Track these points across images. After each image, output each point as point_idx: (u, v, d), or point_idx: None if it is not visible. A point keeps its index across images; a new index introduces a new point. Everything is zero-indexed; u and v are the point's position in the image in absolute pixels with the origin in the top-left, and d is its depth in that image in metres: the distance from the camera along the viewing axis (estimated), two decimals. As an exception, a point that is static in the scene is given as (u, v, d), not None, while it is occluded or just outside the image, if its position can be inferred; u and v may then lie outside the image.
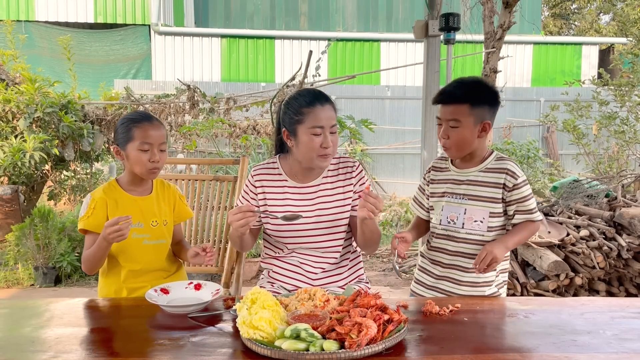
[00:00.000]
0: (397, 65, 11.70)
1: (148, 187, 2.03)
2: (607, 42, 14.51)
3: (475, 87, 1.81)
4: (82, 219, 1.91)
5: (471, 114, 1.75)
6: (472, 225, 1.83)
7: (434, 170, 1.99)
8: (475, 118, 1.76)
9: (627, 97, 6.74)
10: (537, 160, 6.60)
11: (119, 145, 1.94)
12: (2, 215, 5.37)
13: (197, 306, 1.63)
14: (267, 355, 1.26)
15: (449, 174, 1.92)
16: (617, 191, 4.23)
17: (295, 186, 1.97)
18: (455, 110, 1.76)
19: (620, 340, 1.39)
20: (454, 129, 1.77)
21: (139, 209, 1.97)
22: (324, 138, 1.82)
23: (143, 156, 1.89)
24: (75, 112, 5.52)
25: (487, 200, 1.82)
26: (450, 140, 1.79)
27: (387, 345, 1.29)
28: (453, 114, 1.77)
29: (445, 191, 1.90)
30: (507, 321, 1.55)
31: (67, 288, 4.58)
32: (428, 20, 3.90)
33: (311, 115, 1.82)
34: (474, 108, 1.75)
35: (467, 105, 1.75)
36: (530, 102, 11.06)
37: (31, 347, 1.38)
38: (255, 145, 6.09)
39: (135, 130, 1.89)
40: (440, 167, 1.98)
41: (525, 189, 1.82)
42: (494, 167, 1.84)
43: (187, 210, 2.16)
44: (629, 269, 3.73)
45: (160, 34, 12.15)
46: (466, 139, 1.78)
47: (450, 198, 1.88)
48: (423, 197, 2.02)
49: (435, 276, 1.95)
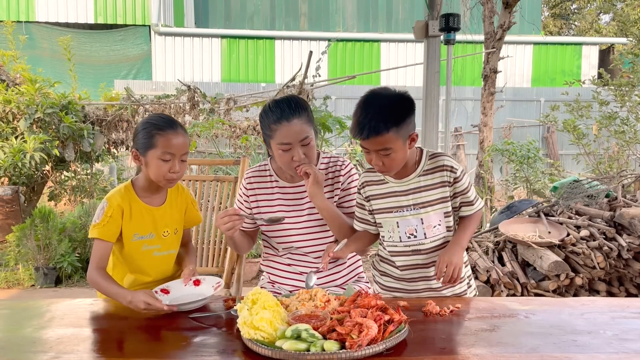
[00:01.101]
0: (397, 65, 11.70)
1: (163, 194, 1.95)
2: (607, 42, 14.52)
3: (391, 108, 1.66)
4: (97, 227, 1.80)
5: (398, 137, 1.65)
6: (434, 232, 1.79)
7: (368, 185, 1.86)
8: (403, 138, 1.67)
9: (627, 97, 6.74)
10: (537, 160, 6.59)
11: (138, 150, 1.84)
12: (3, 215, 5.37)
13: (201, 301, 1.63)
14: (268, 355, 1.26)
15: (389, 187, 1.82)
16: (618, 191, 4.22)
17: (286, 186, 1.99)
18: (381, 141, 1.64)
19: (620, 341, 1.39)
20: (387, 156, 1.67)
21: (151, 219, 1.90)
22: (294, 152, 1.82)
23: (163, 166, 1.80)
24: (75, 113, 5.52)
25: (439, 202, 1.78)
26: (386, 166, 1.70)
27: (387, 346, 1.29)
28: (381, 145, 1.65)
29: (391, 206, 1.81)
30: (507, 321, 1.55)
31: (67, 289, 4.58)
32: (428, 21, 3.90)
33: (278, 132, 1.81)
34: (399, 130, 1.65)
35: (391, 132, 1.63)
36: (531, 102, 11.07)
37: (32, 348, 1.39)
38: (255, 146, 6.09)
39: (159, 138, 1.79)
40: (374, 180, 1.85)
41: (465, 180, 1.80)
42: (431, 167, 1.79)
43: (198, 216, 2.12)
44: (629, 269, 3.73)
45: (160, 35, 12.16)
46: (400, 159, 1.70)
47: (402, 212, 1.79)
48: (365, 213, 1.88)
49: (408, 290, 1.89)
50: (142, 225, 1.86)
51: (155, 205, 1.92)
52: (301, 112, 1.83)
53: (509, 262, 3.86)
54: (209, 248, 2.52)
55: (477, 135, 7.89)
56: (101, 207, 1.84)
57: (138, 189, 1.90)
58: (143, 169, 1.87)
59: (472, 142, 10.48)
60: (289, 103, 1.84)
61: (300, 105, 1.85)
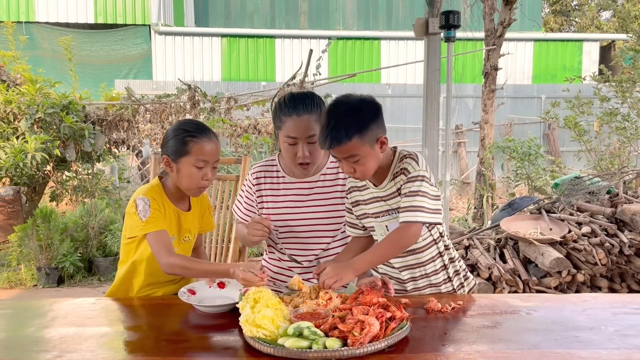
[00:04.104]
0: (398, 63, 11.69)
1: (187, 199, 1.95)
2: (608, 38, 14.48)
3: (353, 115, 1.61)
4: (150, 222, 1.75)
5: (364, 143, 1.60)
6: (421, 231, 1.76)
7: (353, 191, 1.85)
8: (370, 143, 1.62)
9: (628, 94, 6.73)
10: (538, 157, 6.58)
11: (169, 157, 1.81)
12: (5, 216, 5.38)
13: (231, 305, 1.60)
14: (270, 353, 1.27)
15: (371, 192, 1.80)
16: (619, 188, 4.22)
17: (292, 182, 2.00)
18: (345, 149, 1.60)
19: (622, 336, 1.40)
20: (356, 162, 1.63)
21: (177, 223, 1.90)
22: (299, 148, 1.83)
23: (197, 173, 1.79)
24: (76, 113, 5.52)
25: None
26: (358, 172, 1.66)
27: (389, 343, 1.29)
28: (347, 152, 1.61)
29: (378, 211, 1.79)
30: (509, 318, 1.55)
31: (69, 288, 4.59)
32: (428, 18, 3.90)
33: (286, 124, 1.83)
34: (363, 136, 1.60)
35: (355, 139, 1.59)
36: (531, 99, 11.04)
37: (35, 347, 1.39)
38: (256, 145, 6.09)
39: (193, 145, 1.77)
40: (358, 186, 1.83)
41: (411, 185, 1.65)
42: (397, 170, 1.73)
43: (212, 223, 2.12)
44: (630, 266, 3.73)
45: (160, 34, 12.15)
46: (371, 164, 1.66)
47: (388, 216, 1.77)
48: (353, 218, 1.88)
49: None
50: (169, 227, 1.84)
51: (183, 209, 1.92)
52: (313, 110, 1.83)
53: (511, 259, 3.86)
54: (211, 247, 2.53)
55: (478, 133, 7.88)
56: (143, 203, 1.78)
57: (168, 192, 1.89)
58: (172, 176, 1.85)
59: (473, 140, 10.46)
60: (303, 98, 1.85)
61: (314, 102, 1.85)
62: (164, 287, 1.94)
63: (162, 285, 1.94)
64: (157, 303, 1.80)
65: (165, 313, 1.65)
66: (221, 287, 1.79)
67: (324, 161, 2.01)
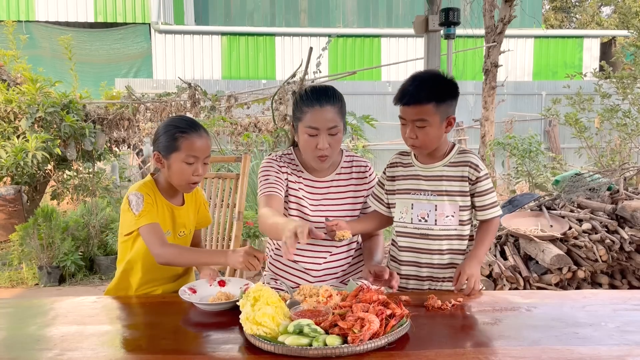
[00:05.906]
0: (398, 60, 11.68)
1: (181, 194, 1.96)
2: (609, 34, 14.47)
3: (437, 84, 1.76)
4: (142, 215, 1.77)
5: (437, 112, 1.72)
6: (445, 221, 1.81)
7: (396, 166, 1.93)
8: (441, 115, 1.73)
9: (629, 90, 6.72)
10: (539, 154, 6.58)
11: (160, 153, 1.83)
12: (6, 215, 5.39)
13: (232, 303, 1.60)
14: (271, 350, 1.27)
15: (413, 170, 1.87)
16: (620, 184, 4.22)
17: (310, 179, 1.99)
18: (420, 111, 1.72)
19: (622, 333, 1.40)
20: (422, 128, 1.73)
21: (171, 218, 1.90)
22: (320, 139, 1.83)
23: (187, 169, 1.80)
24: (76, 112, 5.52)
25: (456, 194, 1.80)
26: (419, 140, 1.75)
27: (389, 340, 1.30)
28: (419, 115, 1.72)
29: (410, 188, 1.86)
30: (509, 314, 1.55)
31: (71, 287, 4.60)
32: (428, 15, 3.90)
33: (308, 114, 1.83)
34: (439, 106, 1.72)
35: (431, 104, 1.71)
36: (532, 96, 11.04)
37: (36, 346, 1.39)
38: (257, 143, 6.08)
39: (182, 141, 1.79)
40: (403, 162, 1.91)
41: (485, 183, 1.80)
42: (457, 160, 1.82)
43: (208, 217, 2.13)
44: (631, 262, 3.73)
45: (160, 33, 12.15)
46: (434, 136, 1.75)
47: (418, 195, 1.84)
48: (382, 192, 1.95)
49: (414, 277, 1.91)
50: (162, 222, 1.85)
51: (176, 204, 1.93)
52: (335, 102, 1.86)
53: (511, 256, 3.86)
54: (211, 245, 2.53)
55: (478, 130, 7.88)
56: (136, 198, 1.80)
57: (160, 187, 1.90)
58: (164, 172, 1.86)
59: (474, 137, 10.46)
60: (325, 91, 1.87)
61: (336, 95, 1.88)
62: (163, 284, 1.94)
63: (161, 282, 1.94)
64: (157, 301, 1.80)
65: (166, 311, 1.66)
66: (222, 285, 1.79)
67: (338, 159, 2.01)
